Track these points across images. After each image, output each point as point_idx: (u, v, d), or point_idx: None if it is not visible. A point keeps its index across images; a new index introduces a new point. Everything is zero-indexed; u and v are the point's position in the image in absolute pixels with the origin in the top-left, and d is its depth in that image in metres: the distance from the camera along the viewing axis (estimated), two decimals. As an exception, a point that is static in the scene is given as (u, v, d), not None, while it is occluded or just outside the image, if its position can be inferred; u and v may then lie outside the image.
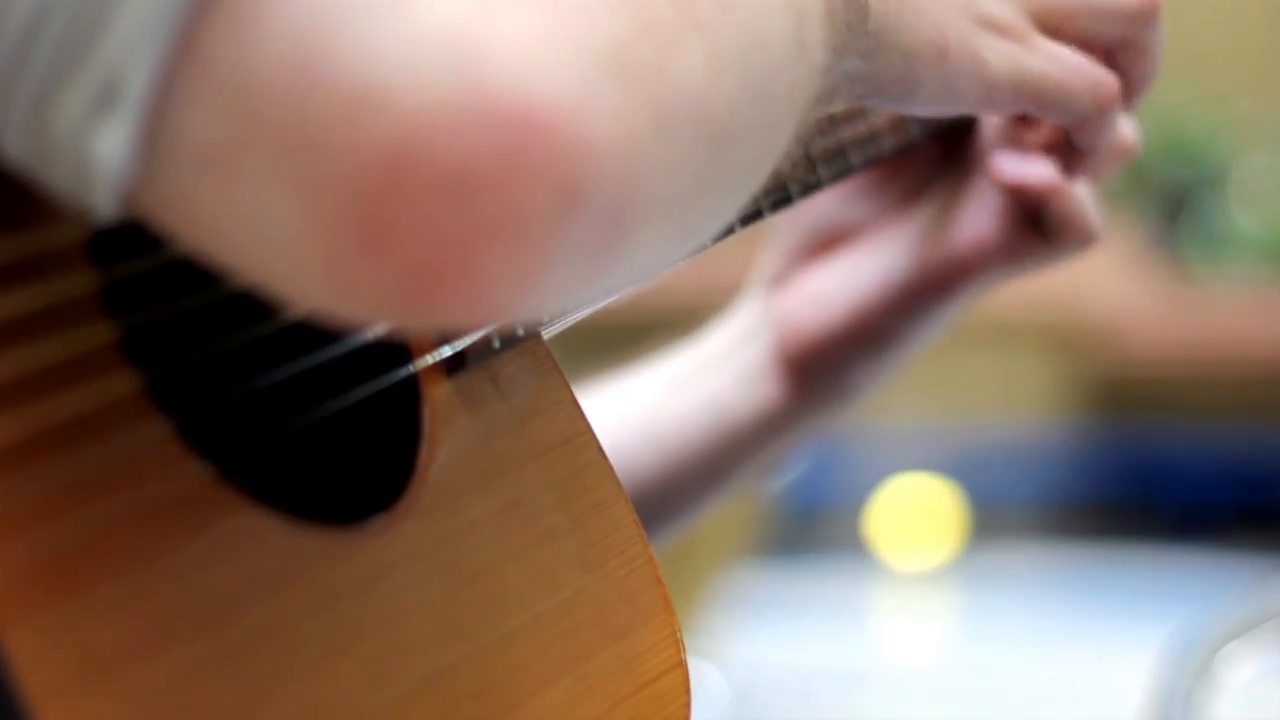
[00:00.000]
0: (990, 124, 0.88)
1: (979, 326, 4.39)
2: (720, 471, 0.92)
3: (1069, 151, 0.79)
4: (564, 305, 0.57)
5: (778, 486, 3.68)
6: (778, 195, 0.80)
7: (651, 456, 0.91)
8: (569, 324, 0.72)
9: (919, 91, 0.71)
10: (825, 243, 0.90)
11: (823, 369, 0.89)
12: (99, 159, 0.50)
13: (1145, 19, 0.77)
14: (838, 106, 0.79)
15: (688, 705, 0.69)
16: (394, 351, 0.67)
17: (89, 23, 0.48)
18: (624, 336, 1.05)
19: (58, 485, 0.53)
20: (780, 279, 0.91)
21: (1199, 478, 4.86)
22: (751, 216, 0.79)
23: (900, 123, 0.86)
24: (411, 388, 0.67)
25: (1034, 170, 0.85)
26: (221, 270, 0.53)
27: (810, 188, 0.81)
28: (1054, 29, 0.74)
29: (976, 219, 0.87)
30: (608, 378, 0.92)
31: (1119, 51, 0.77)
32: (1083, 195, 0.85)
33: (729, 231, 0.77)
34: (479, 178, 0.49)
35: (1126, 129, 0.86)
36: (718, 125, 0.55)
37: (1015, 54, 0.73)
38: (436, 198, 0.49)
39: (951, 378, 4.67)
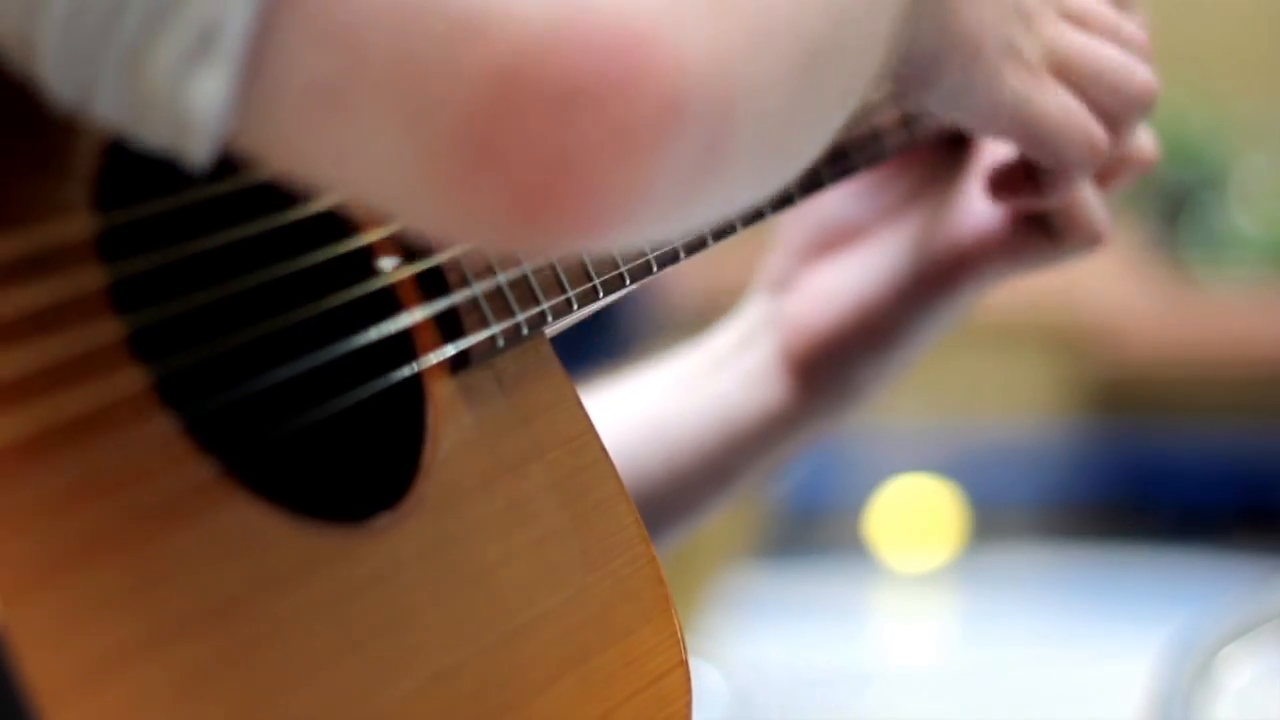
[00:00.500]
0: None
1: (979, 327, 4.39)
2: (726, 473, 0.91)
3: (1026, 183, 0.80)
4: (666, 228, 0.58)
5: (778, 488, 3.69)
6: (780, 195, 0.80)
7: (658, 458, 0.91)
8: (572, 322, 0.72)
9: (939, 83, 0.72)
10: (830, 242, 0.90)
11: (829, 369, 0.89)
12: (197, 107, 0.51)
13: (1144, 106, 0.79)
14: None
15: (689, 705, 0.70)
16: (398, 350, 0.67)
17: None
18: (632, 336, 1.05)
19: (65, 482, 0.53)
20: (785, 280, 0.91)
21: (1199, 478, 4.86)
22: (753, 216, 0.79)
23: (902, 123, 0.86)
24: (416, 386, 0.67)
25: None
26: (232, 267, 0.54)
27: (812, 188, 0.81)
28: (1065, 79, 0.76)
29: (981, 216, 0.87)
30: (613, 378, 0.92)
31: (1107, 123, 0.78)
32: (1090, 196, 0.85)
33: (730, 230, 0.77)
34: (584, 94, 0.51)
35: (1145, 140, 0.87)
36: (808, 45, 0.56)
37: (1029, 86, 0.74)
38: (544, 116, 0.51)
39: (951, 378, 4.67)
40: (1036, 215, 0.86)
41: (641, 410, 0.91)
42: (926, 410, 4.72)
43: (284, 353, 0.65)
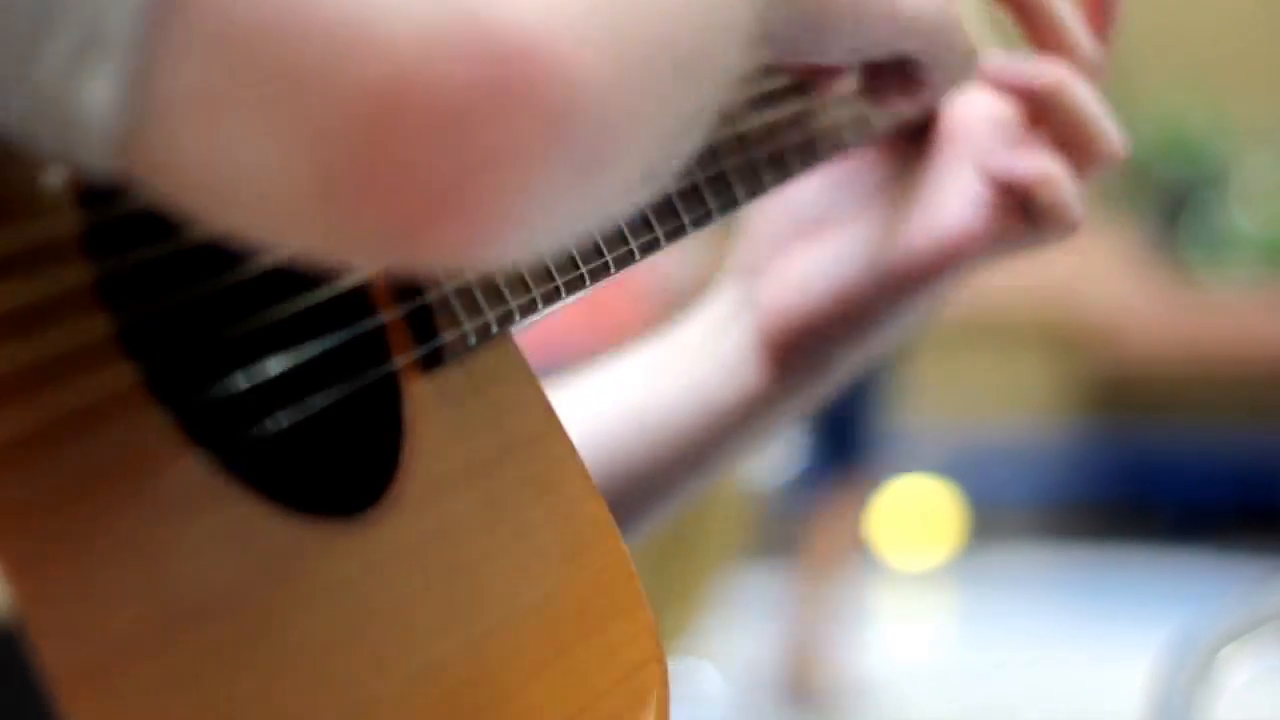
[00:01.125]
0: (974, 117, 0.89)
1: (979, 326, 4.39)
2: (706, 457, 0.92)
3: (905, 80, 0.81)
4: (551, 238, 0.57)
5: (776, 488, 3.69)
6: (754, 183, 0.81)
7: (639, 446, 0.91)
8: (538, 320, 0.72)
9: (833, 40, 0.72)
10: (801, 230, 0.91)
11: (806, 352, 0.90)
12: (86, 111, 0.49)
13: None
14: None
15: (666, 698, 0.70)
16: (373, 349, 0.68)
17: None
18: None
19: (58, 479, 0.53)
20: (756, 266, 0.91)
21: (1198, 478, 4.86)
22: (727, 206, 0.80)
23: (862, 115, 0.87)
24: (392, 384, 0.68)
25: (1024, 163, 0.86)
26: (201, 228, 0.53)
27: (783, 178, 0.82)
28: None
29: (960, 204, 0.87)
30: (588, 369, 0.93)
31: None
32: (1068, 184, 0.86)
33: (681, 232, 0.78)
34: (468, 110, 0.49)
35: (1113, 132, 0.87)
36: (684, 53, 0.55)
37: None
38: (428, 133, 0.49)
39: (951, 379, 4.68)
40: (1015, 202, 0.87)
41: (621, 399, 0.92)
42: (926, 410, 4.72)
43: (269, 348, 0.66)
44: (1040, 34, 0.87)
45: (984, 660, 4.02)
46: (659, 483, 0.91)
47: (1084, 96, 0.86)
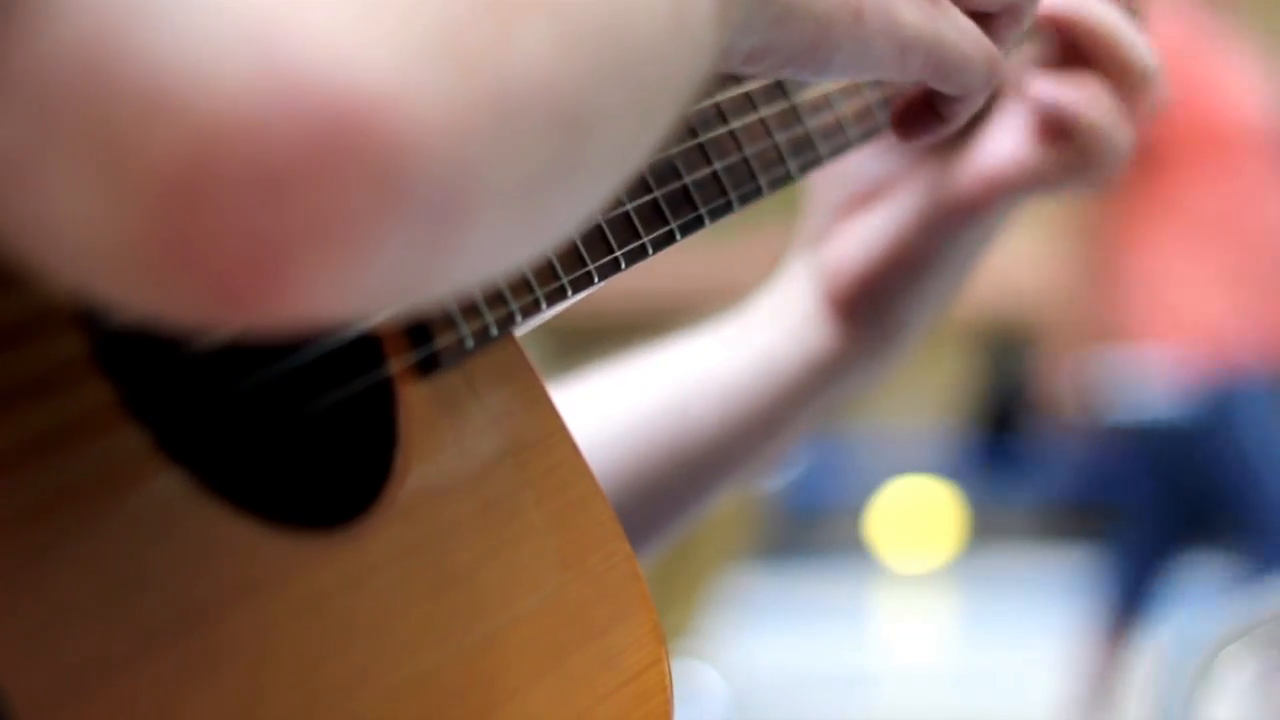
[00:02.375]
0: (1016, 55, 0.89)
1: (978, 326, 4.39)
2: (777, 423, 0.93)
3: (931, 116, 0.80)
4: (397, 301, 0.53)
5: (778, 488, 3.69)
6: (808, 156, 0.81)
7: (711, 413, 0.92)
8: (540, 322, 0.72)
9: (835, 57, 0.71)
10: (861, 198, 0.92)
11: (870, 306, 0.90)
12: None
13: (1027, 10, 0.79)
14: (750, 82, 0.80)
15: (669, 701, 0.69)
16: (367, 354, 0.67)
17: None
18: (614, 336, 1.06)
19: (32, 496, 0.53)
20: (820, 236, 0.92)
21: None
22: (753, 192, 0.79)
23: (865, 111, 0.87)
24: (386, 390, 0.67)
25: (1066, 87, 0.87)
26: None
27: (813, 163, 0.82)
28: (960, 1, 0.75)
29: (1006, 138, 0.88)
30: (656, 346, 0.94)
31: (1000, 17, 0.79)
32: (1113, 113, 0.86)
33: (727, 209, 0.78)
34: (288, 176, 0.46)
35: (1143, 48, 0.88)
36: (569, 112, 0.52)
37: (930, 17, 0.73)
38: (243, 199, 0.46)
39: (951, 379, 4.67)
40: (1061, 131, 0.87)
41: (692, 368, 0.92)
42: (926, 410, 4.72)
43: (250, 360, 0.65)
44: None
45: (983, 660, 4.02)
46: (734, 449, 0.91)
47: (1108, 16, 0.87)
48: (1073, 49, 0.88)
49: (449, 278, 0.53)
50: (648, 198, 0.75)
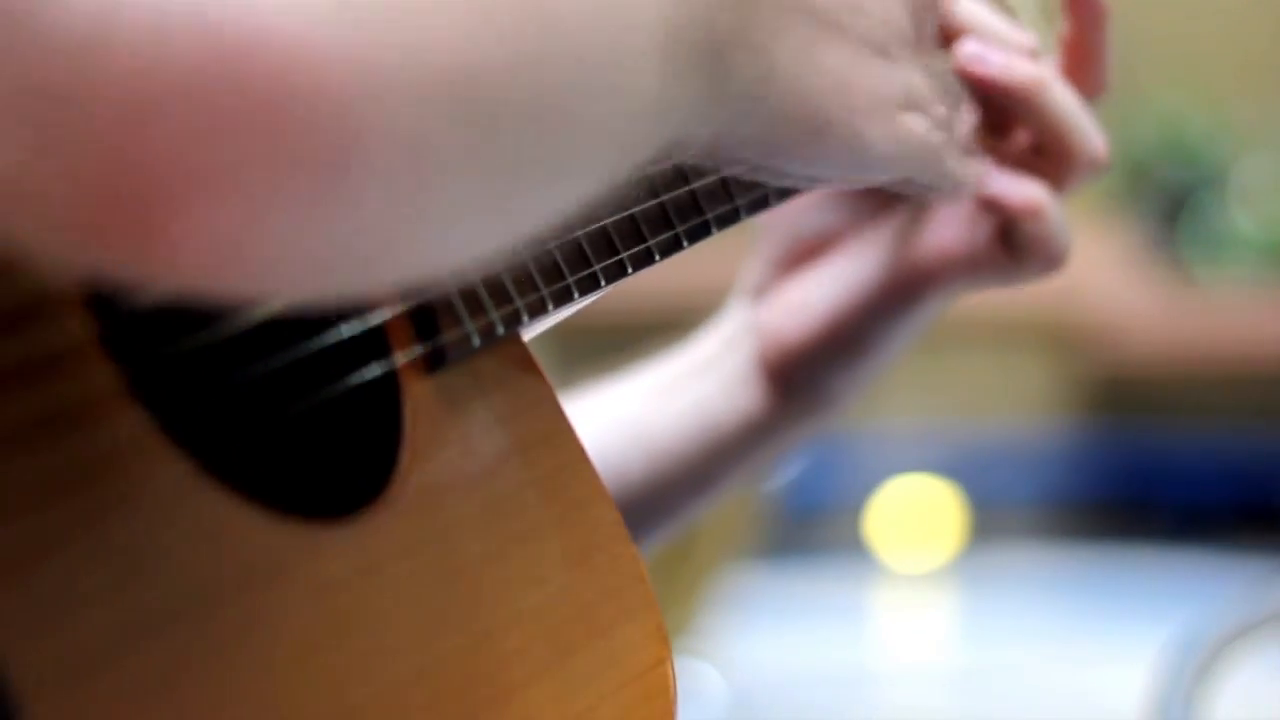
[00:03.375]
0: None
1: (979, 327, 4.40)
2: (707, 478, 0.92)
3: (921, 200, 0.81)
4: (302, 268, 0.51)
5: (777, 487, 3.69)
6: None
7: (640, 463, 0.91)
8: (549, 324, 0.72)
9: (789, 168, 0.70)
10: (805, 252, 0.91)
11: (803, 377, 0.90)
12: None
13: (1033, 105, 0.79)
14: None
15: (673, 701, 0.70)
16: (374, 348, 0.67)
17: None
18: (614, 340, 1.06)
19: (39, 479, 0.53)
20: (762, 289, 0.91)
21: (1198, 478, 4.86)
22: (761, 200, 0.79)
23: None
24: (392, 384, 0.67)
25: (1014, 189, 0.85)
26: None
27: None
28: (917, 104, 0.74)
29: (945, 229, 0.87)
30: (595, 382, 0.93)
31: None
32: (1056, 218, 0.85)
33: (734, 216, 0.78)
34: (169, 93, 0.45)
35: (1096, 141, 0.86)
36: (474, 97, 0.51)
37: (891, 131, 0.72)
38: (119, 115, 0.45)
39: (951, 378, 4.68)
40: (1001, 233, 0.86)
41: (625, 416, 0.92)
42: (926, 410, 4.72)
43: (258, 348, 0.65)
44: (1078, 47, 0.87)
45: (984, 660, 4.01)
46: (659, 501, 0.91)
47: (1063, 99, 0.85)
48: (1022, 124, 0.86)
49: (362, 244, 0.51)
50: (654, 202, 0.75)
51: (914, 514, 4.70)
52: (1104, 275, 4.74)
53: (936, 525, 4.71)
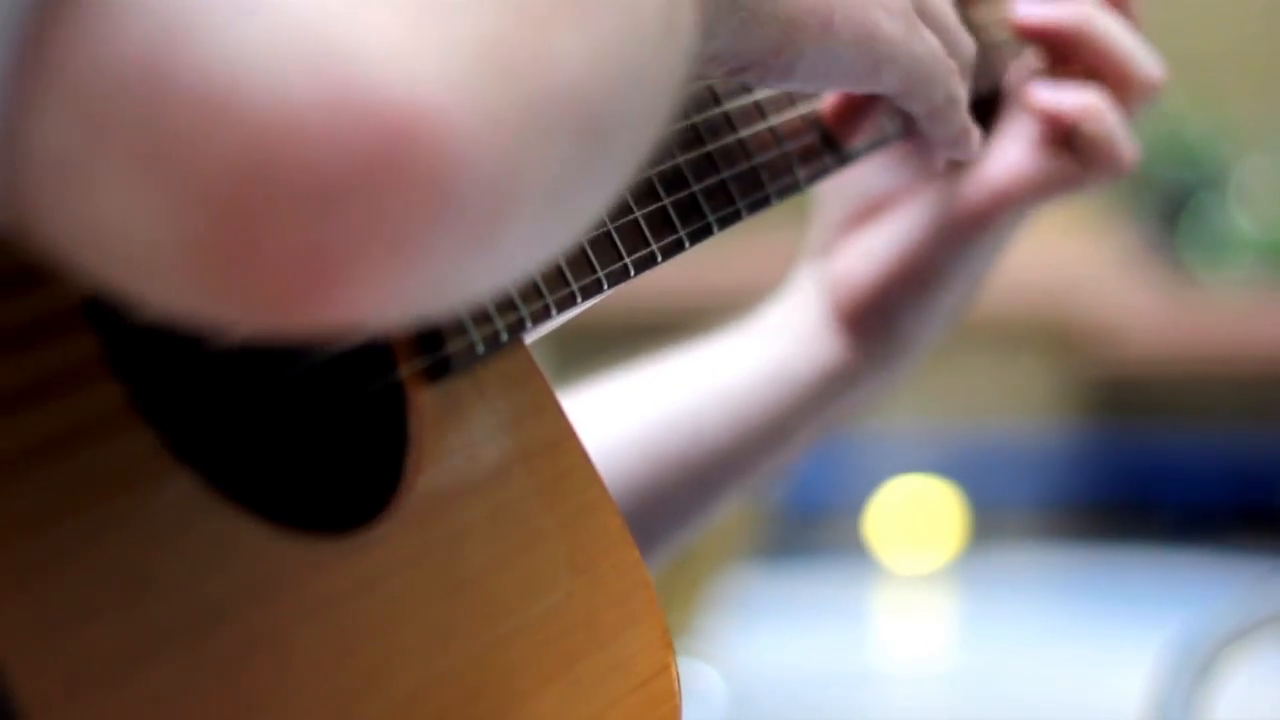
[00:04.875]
0: (1018, 67, 0.90)
1: (979, 327, 4.39)
2: (789, 433, 0.93)
3: (918, 138, 0.81)
4: (440, 305, 0.54)
5: (777, 488, 3.69)
6: (817, 166, 0.81)
7: (725, 425, 0.92)
8: (551, 329, 0.72)
9: (798, 64, 0.71)
10: (868, 211, 0.92)
11: (878, 319, 0.91)
12: None
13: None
14: (760, 91, 0.80)
15: (678, 708, 0.70)
16: (378, 359, 0.67)
17: None
18: (620, 340, 1.06)
19: (43, 497, 0.53)
20: (827, 249, 0.93)
21: (1198, 479, 4.85)
22: (761, 201, 0.80)
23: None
24: (397, 394, 0.67)
25: (1067, 96, 0.88)
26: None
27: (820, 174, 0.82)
28: (926, 19, 0.76)
29: (1010, 149, 0.89)
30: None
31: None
32: (1114, 119, 0.87)
33: (735, 217, 0.78)
34: (344, 184, 0.47)
35: (1149, 63, 0.89)
36: (595, 117, 0.53)
37: (907, 31, 0.74)
38: (298, 207, 0.47)
39: (951, 378, 4.67)
40: (1064, 141, 0.88)
41: (703, 378, 0.93)
42: (926, 410, 4.72)
43: (262, 363, 0.65)
44: None
45: (984, 661, 4.01)
46: (744, 459, 0.92)
47: (1111, 28, 0.87)
48: (1077, 59, 0.89)
49: (482, 281, 0.53)
50: (656, 205, 0.75)
51: (914, 515, 4.70)
52: (1104, 275, 4.74)
53: (937, 526, 4.71)
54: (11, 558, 0.52)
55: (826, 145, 0.83)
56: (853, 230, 0.92)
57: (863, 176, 0.91)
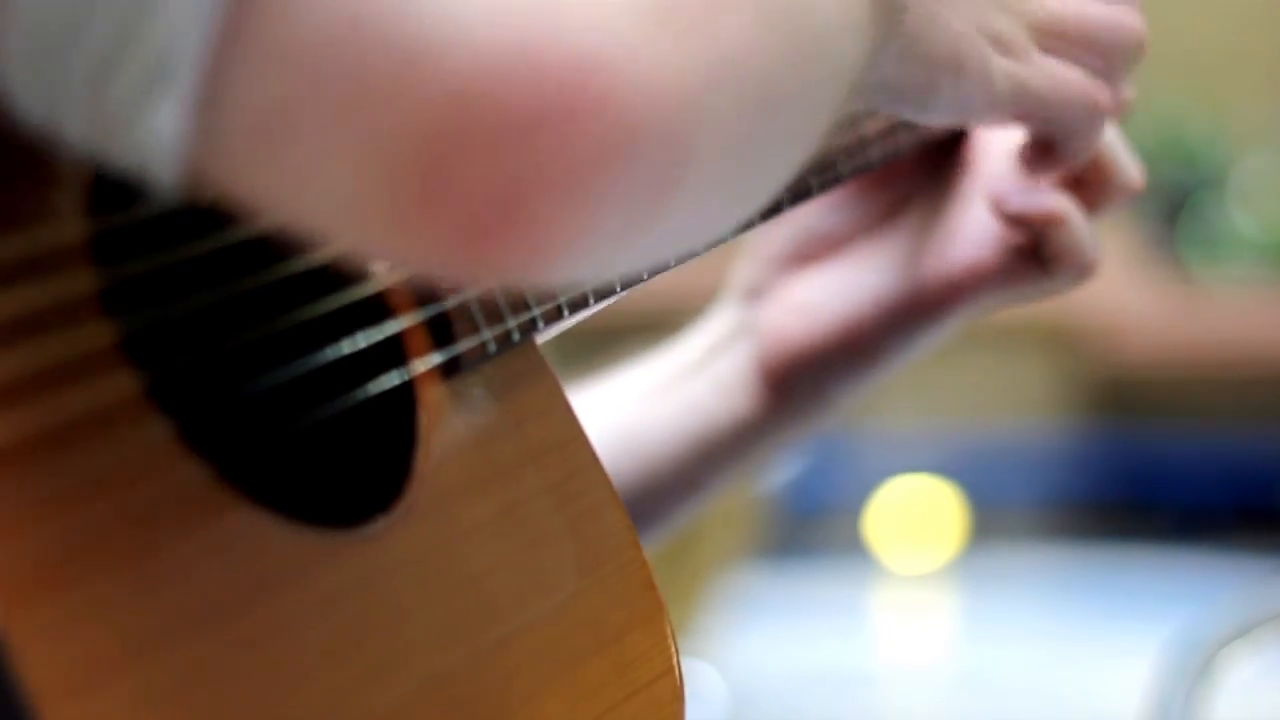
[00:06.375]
0: (997, 149, 0.88)
1: (979, 327, 4.38)
2: (698, 481, 0.91)
3: (1050, 154, 0.80)
4: (614, 261, 0.57)
5: (777, 488, 3.69)
6: (828, 175, 0.81)
7: (632, 466, 0.90)
8: (562, 329, 0.72)
9: (935, 102, 0.72)
10: (808, 253, 0.89)
11: (805, 381, 0.89)
12: (155, 136, 0.51)
13: (1134, 53, 0.79)
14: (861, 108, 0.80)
15: (681, 710, 0.70)
16: (390, 355, 0.67)
17: (137, 3, 0.49)
18: (607, 341, 1.05)
19: (58, 485, 0.53)
20: (759, 289, 0.90)
21: (1198, 478, 4.86)
22: (744, 226, 0.79)
23: (889, 130, 0.86)
24: (408, 392, 0.67)
25: (1038, 201, 0.85)
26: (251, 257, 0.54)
27: (800, 196, 0.81)
28: (1053, 48, 0.76)
29: (973, 242, 0.86)
30: (586, 383, 0.92)
31: (1101, 77, 0.78)
32: (1083, 227, 0.85)
33: (721, 239, 0.77)
34: (531, 125, 0.50)
35: (1132, 168, 0.87)
36: (765, 84, 0.55)
37: (1017, 71, 0.74)
38: (494, 146, 0.50)
39: (951, 378, 4.67)
40: (1028, 244, 0.86)
41: (616, 417, 0.91)
42: (926, 410, 4.72)
43: (277, 357, 0.65)
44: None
45: (984, 661, 4.01)
46: (650, 504, 0.90)
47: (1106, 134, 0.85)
48: (1056, 146, 0.86)
49: (658, 242, 0.56)
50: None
51: (914, 514, 4.70)
52: (1104, 275, 4.72)
53: (937, 526, 4.71)
54: (24, 547, 0.52)
55: (839, 153, 0.83)
56: (790, 274, 0.90)
57: (805, 214, 0.89)
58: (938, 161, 0.88)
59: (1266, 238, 4.88)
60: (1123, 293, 4.81)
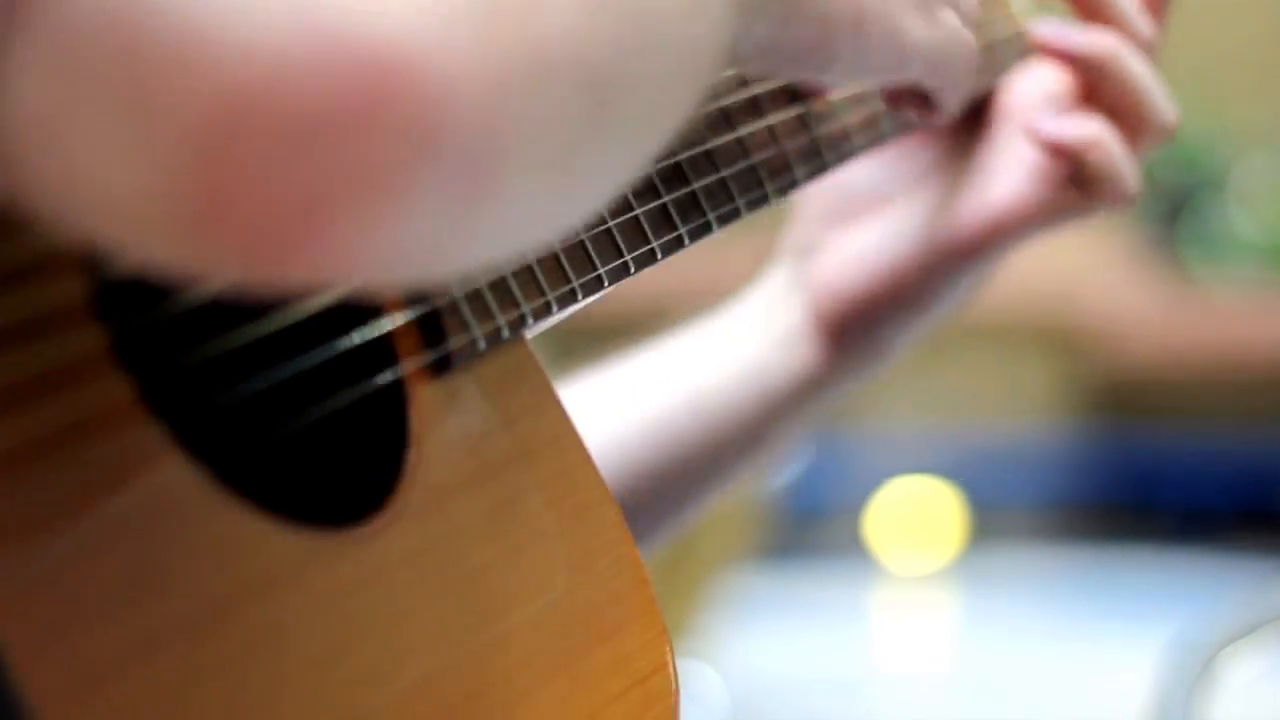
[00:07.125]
0: (1029, 90, 0.89)
1: (979, 327, 4.39)
2: (760, 436, 0.93)
3: (926, 103, 0.81)
4: (430, 265, 0.53)
5: (777, 488, 3.69)
6: (814, 164, 0.81)
7: (697, 427, 0.92)
8: (552, 324, 0.72)
9: (834, 62, 0.71)
10: (854, 209, 0.91)
11: (860, 329, 0.91)
12: None
13: None
14: (757, 86, 0.80)
15: (676, 704, 0.70)
16: (380, 354, 0.68)
17: None
18: (606, 336, 1.05)
19: (51, 491, 0.53)
20: (810, 246, 0.92)
21: (1199, 480, 4.86)
22: (760, 199, 0.79)
23: (872, 120, 0.87)
24: (398, 390, 0.67)
25: (1072, 127, 0.87)
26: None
27: (846, 156, 0.82)
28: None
29: (1011, 177, 0.88)
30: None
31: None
32: (1119, 150, 0.86)
33: (735, 215, 0.78)
34: (320, 124, 0.46)
35: (1167, 106, 0.88)
36: (597, 73, 0.52)
37: (929, 27, 0.74)
38: (275, 148, 0.46)
39: (951, 379, 4.67)
40: (1066, 170, 0.87)
41: (676, 381, 0.92)
42: (926, 410, 4.72)
43: (269, 357, 0.66)
44: (1091, 9, 0.88)
45: (984, 662, 4.01)
46: (716, 462, 0.92)
47: (1136, 67, 0.87)
48: (1092, 86, 0.87)
49: (479, 246, 0.52)
50: (657, 202, 0.75)
51: (914, 515, 4.70)
52: (1104, 276, 4.74)
53: (937, 527, 4.71)
54: (19, 553, 0.52)
55: (823, 143, 0.83)
56: (838, 228, 0.91)
57: (852, 171, 0.90)
58: (972, 117, 0.90)
59: (1266, 239, 4.88)
60: (1123, 294, 4.81)
